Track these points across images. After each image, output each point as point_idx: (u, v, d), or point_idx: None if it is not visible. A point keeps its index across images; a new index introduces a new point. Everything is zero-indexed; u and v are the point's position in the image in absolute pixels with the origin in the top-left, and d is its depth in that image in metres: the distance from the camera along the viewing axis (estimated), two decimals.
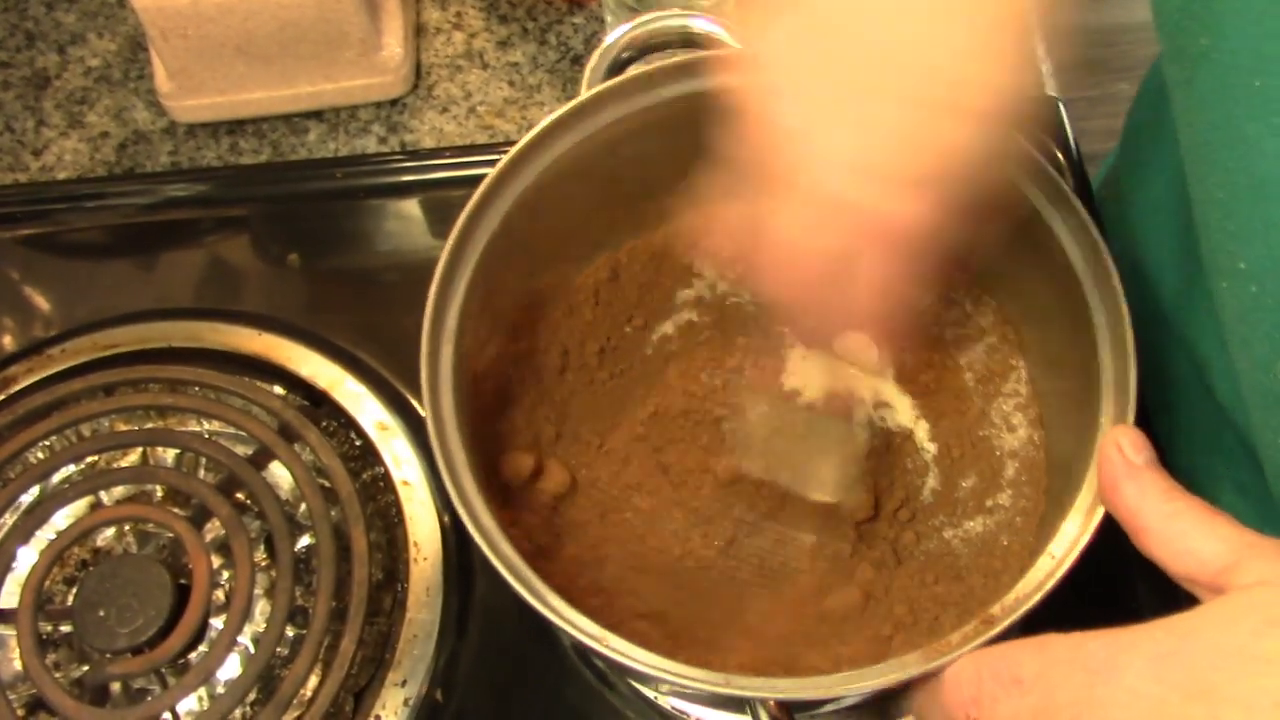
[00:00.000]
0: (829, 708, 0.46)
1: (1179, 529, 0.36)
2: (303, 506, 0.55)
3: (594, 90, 0.48)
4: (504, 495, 0.49)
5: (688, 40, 0.50)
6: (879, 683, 0.39)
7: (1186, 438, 0.52)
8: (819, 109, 0.38)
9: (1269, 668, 0.31)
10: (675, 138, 0.50)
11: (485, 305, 0.47)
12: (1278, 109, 0.34)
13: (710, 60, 0.48)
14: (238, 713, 0.51)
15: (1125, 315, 0.43)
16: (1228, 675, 0.32)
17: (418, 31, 0.70)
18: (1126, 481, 0.38)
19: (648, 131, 0.49)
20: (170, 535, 0.54)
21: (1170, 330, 0.51)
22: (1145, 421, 0.56)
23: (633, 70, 0.49)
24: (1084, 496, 0.41)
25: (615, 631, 0.40)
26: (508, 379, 0.51)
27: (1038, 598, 0.40)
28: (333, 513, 0.54)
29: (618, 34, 0.50)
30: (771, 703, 0.40)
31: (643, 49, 0.51)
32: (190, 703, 0.52)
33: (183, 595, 0.52)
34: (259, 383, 0.58)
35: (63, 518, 0.56)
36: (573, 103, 0.47)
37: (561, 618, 0.40)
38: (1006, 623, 0.39)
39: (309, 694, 0.51)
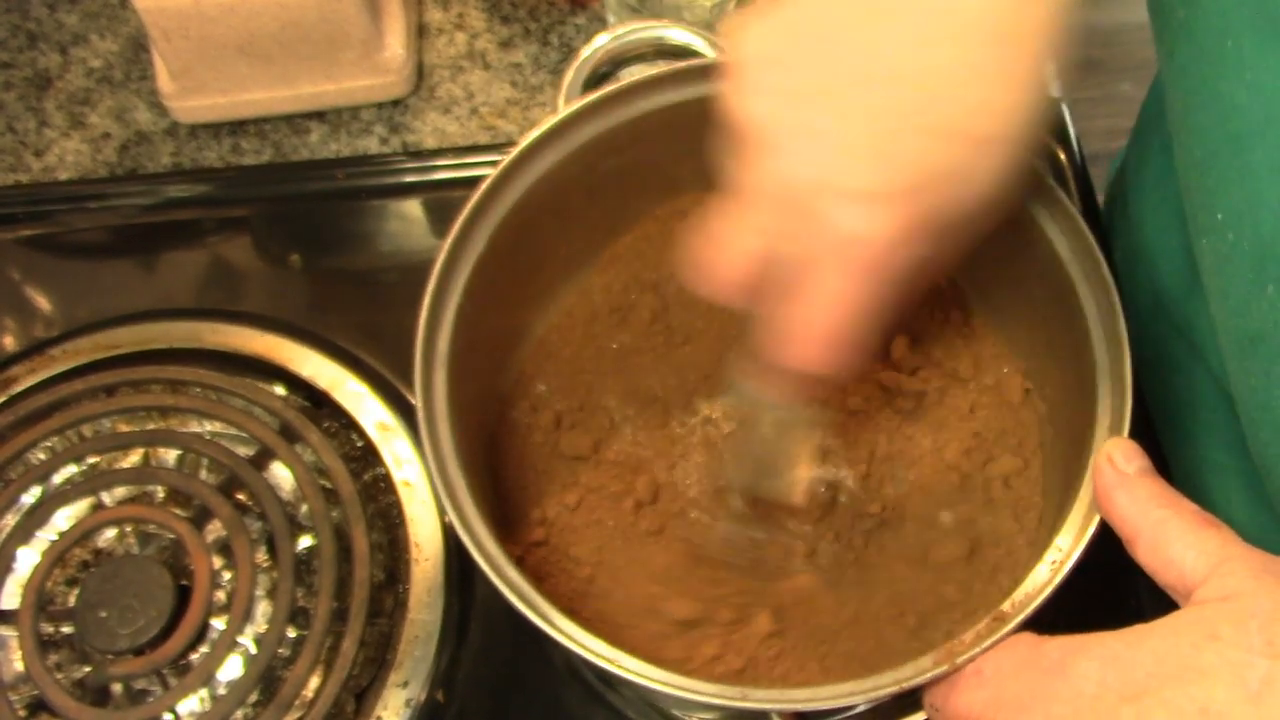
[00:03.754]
0: (847, 714, 0.46)
1: (1166, 537, 0.37)
2: (304, 507, 0.55)
3: (574, 105, 0.48)
4: (502, 512, 0.49)
5: (664, 51, 0.50)
6: (895, 689, 0.39)
7: (1181, 426, 0.53)
8: (794, 111, 0.37)
9: (1201, 679, 0.33)
10: (656, 148, 0.50)
11: (475, 331, 0.47)
12: (1248, 66, 0.36)
13: (691, 70, 0.48)
14: (239, 713, 0.51)
15: (1117, 306, 0.43)
16: (1161, 682, 0.33)
17: (419, 32, 0.70)
18: (1118, 490, 0.39)
19: (627, 144, 0.49)
20: (171, 536, 0.54)
21: (1170, 316, 0.51)
22: (1142, 411, 0.56)
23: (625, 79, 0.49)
24: (1085, 492, 0.41)
25: (624, 641, 0.40)
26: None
27: (1048, 592, 0.40)
28: (334, 513, 0.54)
29: (593, 47, 0.50)
30: (790, 714, 0.40)
31: (618, 62, 0.51)
32: (192, 704, 0.52)
33: (184, 596, 0.52)
34: (260, 383, 0.59)
35: (64, 518, 0.56)
36: (553, 119, 0.47)
37: (573, 640, 0.40)
38: (1018, 620, 0.39)
39: (310, 695, 0.51)
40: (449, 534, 0.55)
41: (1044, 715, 0.35)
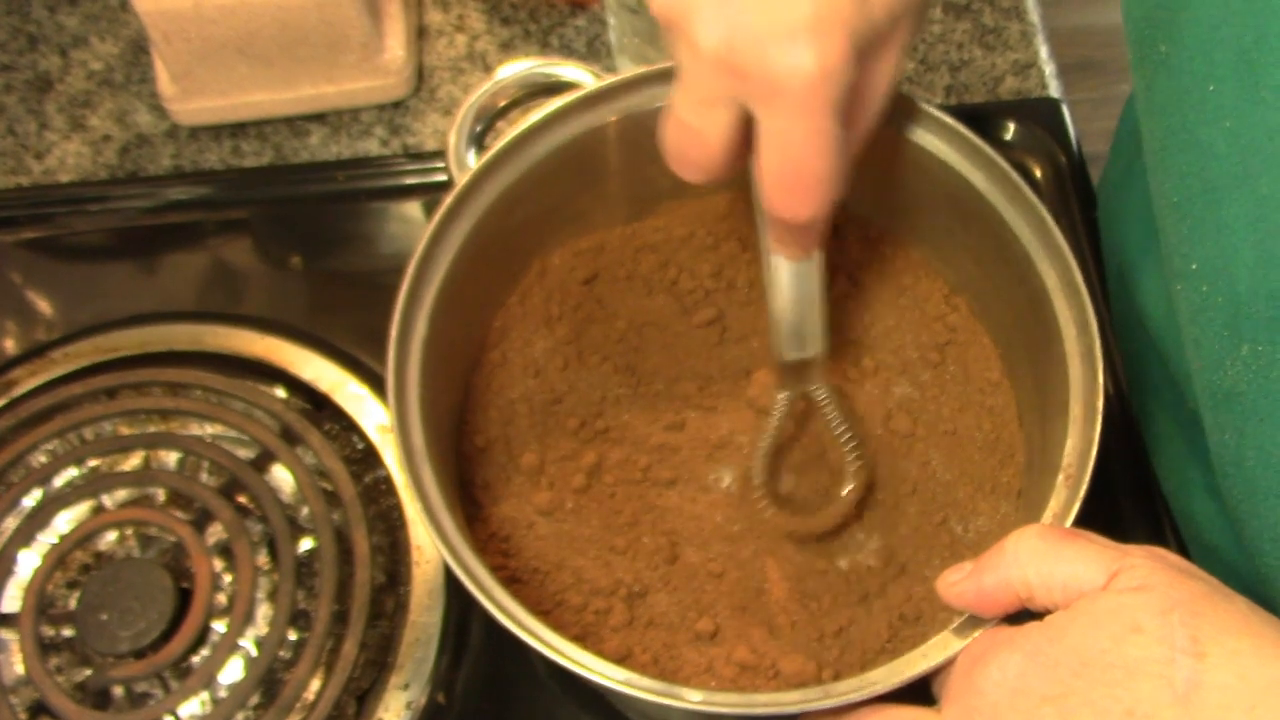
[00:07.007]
0: None
1: (1047, 568, 0.36)
2: (305, 510, 0.55)
3: (513, 133, 0.47)
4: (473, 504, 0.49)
5: (555, 89, 0.50)
6: (906, 679, 0.39)
7: (1166, 446, 0.52)
8: None
9: (1124, 676, 0.32)
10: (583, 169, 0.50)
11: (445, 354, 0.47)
12: (1229, 114, 0.35)
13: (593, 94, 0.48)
14: (240, 716, 0.51)
15: (1080, 282, 0.44)
16: (1086, 682, 0.33)
17: (419, 34, 0.70)
18: (967, 585, 0.38)
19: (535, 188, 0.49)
20: (172, 539, 0.54)
21: (1150, 338, 0.51)
22: (1136, 426, 0.56)
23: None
24: (1059, 493, 0.42)
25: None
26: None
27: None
28: (335, 516, 0.54)
29: (482, 91, 0.50)
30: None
31: (510, 104, 0.51)
32: (193, 706, 0.52)
33: (185, 599, 0.52)
34: (261, 386, 0.59)
35: (65, 521, 0.56)
36: (480, 164, 0.47)
37: (527, 629, 0.41)
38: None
39: (311, 697, 0.51)
40: None
41: (963, 710, 0.36)
